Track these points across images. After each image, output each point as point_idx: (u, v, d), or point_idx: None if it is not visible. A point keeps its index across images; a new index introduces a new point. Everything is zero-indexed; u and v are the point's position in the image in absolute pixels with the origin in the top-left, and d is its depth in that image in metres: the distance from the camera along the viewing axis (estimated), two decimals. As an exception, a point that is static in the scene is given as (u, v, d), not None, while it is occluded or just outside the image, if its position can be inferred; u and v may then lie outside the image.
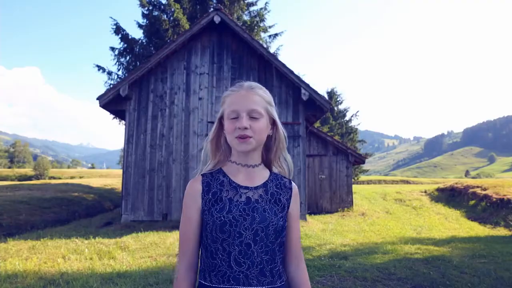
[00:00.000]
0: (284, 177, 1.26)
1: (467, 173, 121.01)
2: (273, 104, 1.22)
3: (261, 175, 1.21)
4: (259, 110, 1.14)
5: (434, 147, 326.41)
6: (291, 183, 1.26)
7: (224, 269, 1.09)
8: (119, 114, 11.66)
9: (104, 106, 9.45)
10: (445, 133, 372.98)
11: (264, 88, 1.21)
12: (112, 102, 9.45)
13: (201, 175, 1.22)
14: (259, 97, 1.16)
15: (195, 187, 1.18)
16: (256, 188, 1.18)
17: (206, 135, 1.34)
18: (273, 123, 1.21)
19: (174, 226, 8.31)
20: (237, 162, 1.20)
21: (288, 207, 1.21)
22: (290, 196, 1.22)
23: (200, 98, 9.73)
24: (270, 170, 1.25)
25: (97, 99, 9.32)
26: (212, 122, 9.42)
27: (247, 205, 1.13)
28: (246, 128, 1.11)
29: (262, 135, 1.15)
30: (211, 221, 1.12)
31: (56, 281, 4.04)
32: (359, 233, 8.75)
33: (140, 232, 7.52)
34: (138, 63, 14.76)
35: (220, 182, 1.18)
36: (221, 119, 1.21)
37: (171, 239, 6.82)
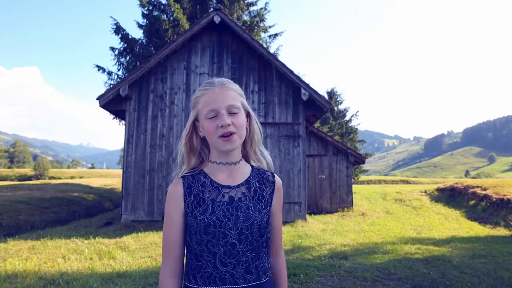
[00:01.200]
0: (266, 171, 1.24)
1: (467, 173, 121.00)
2: (244, 96, 1.22)
3: (243, 172, 1.20)
4: (237, 104, 1.13)
5: (434, 147, 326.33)
6: (274, 176, 1.24)
7: (210, 270, 1.08)
8: (119, 114, 11.66)
9: (104, 106, 9.46)
10: (445, 133, 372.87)
11: (233, 82, 1.20)
12: (112, 102, 9.46)
13: (182, 177, 1.19)
14: (233, 91, 1.16)
15: (176, 190, 1.17)
16: (238, 186, 1.16)
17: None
18: (247, 115, 1.20)
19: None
20: (217, 162, 1.18)
21: (271, 202, 1.19)
22: (273, 190, 1.21)
23: (200, 98, 9.72)
24: (251, 165, 1.24)
25: (97, 99, 9.33)
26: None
27: (230, 204, 1.12)
28: (229, 125, 1.10)
29: (243, 129, 1.15)
30: (195, 223, 1.10)
31: (56, 281, 4.04)
32: (359, 233, 8.75)
33: (140, 232, 7.52)
34: (138, 63, 14.76)
35: (201, 183, 1.16)
36: (194, 121, 1.18)
37: (171, 239, 6.80)
